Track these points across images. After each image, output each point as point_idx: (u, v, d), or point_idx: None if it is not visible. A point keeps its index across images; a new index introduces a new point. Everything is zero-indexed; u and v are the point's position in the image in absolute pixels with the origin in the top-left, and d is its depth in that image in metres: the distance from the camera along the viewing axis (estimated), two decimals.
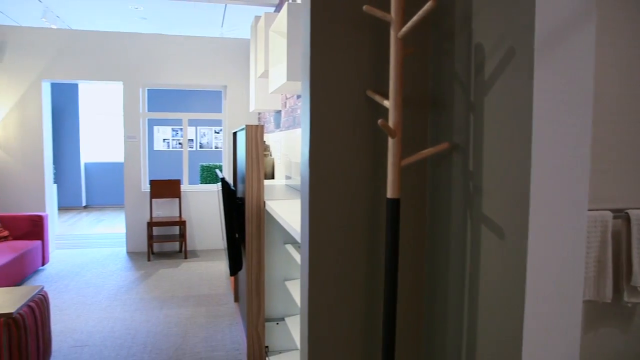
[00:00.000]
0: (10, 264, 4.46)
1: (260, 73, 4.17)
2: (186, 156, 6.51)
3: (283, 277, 3.08)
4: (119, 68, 6.20)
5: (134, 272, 5.32)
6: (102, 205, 10.67)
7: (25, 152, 6.07)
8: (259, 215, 2.80)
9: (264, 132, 2.71)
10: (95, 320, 3.89)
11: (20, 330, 2.61)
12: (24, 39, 6.00)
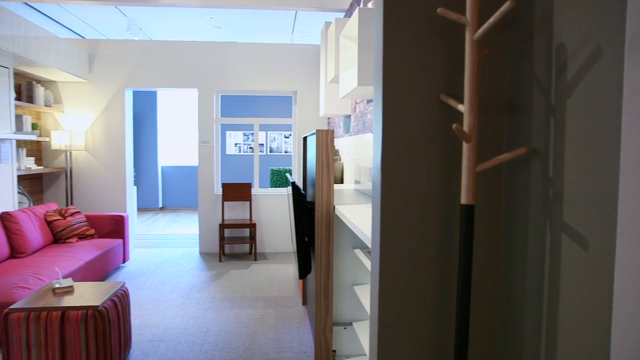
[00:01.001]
0: (96, 260, 4.77)
1: (330, 78, 4.21)
2: (257, 160, 6.68)
3: (351, 281, 3.07)
4: (194, 75, 6.48)
5: (206, 272, 5.51)
6: (177, 207, 11.17)
7: (110, 156, 6.48)
8: (328, 220, 2.82)
9: (334, 137, 2.73)
10: (170, 317, 4.07)
11: (104, 322, 2.79)
12: (110, 50, 6.42)
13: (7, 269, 4.02)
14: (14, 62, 5.06)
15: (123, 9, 6.93)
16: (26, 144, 5.93)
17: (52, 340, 2.73)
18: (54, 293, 3.02)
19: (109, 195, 6.51)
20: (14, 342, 2.73)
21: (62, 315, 2.74)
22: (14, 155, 5.16)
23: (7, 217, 4.56)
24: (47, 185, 6.47)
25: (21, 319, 2.72)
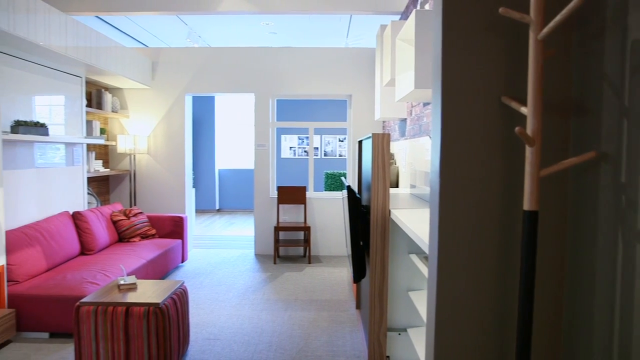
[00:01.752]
0: (157, 259, 4.96)
1: (386, 81, 4.18)
2: (312, 164, 6.74)
3: (407, 287, 3.03)
4: (251, 80, 6.62)
5: (261, 274, 5.61)
6: (233, 209, 11.43)
7: (170, 159, 6.73)
8: (384, 224, 2.80)
9: (390, 141, 2.71)
10: (226, 317, 4.16)
11: (165, 319, 2.89)
12: (171, 58, 6.68)
13: (78, 265, 4.26)
14: (85, 71, 5.36)
15: (184, 18, 7.19)
16: (95, 148, 6.26)
17: (118, 334, 2.86)
18: (119, 289, 3.17)
19: (169, 197, 6.75)
20: (84, 333, 2.88)
21: (126, 311, 2.87)
22: (84, 158, 5.47)
23: (78, 217, 4.83)
24: (113, 186, 6.80)
25: (90, 312, 2.87)
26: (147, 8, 5.25)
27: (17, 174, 4.30)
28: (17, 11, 3.78)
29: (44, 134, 4.37)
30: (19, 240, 3.93)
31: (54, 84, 4.88)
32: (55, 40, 4.31)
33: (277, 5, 5.17)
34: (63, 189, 5.04)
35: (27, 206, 4.43)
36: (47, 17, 4.18)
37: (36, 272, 3.98)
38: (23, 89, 4.39)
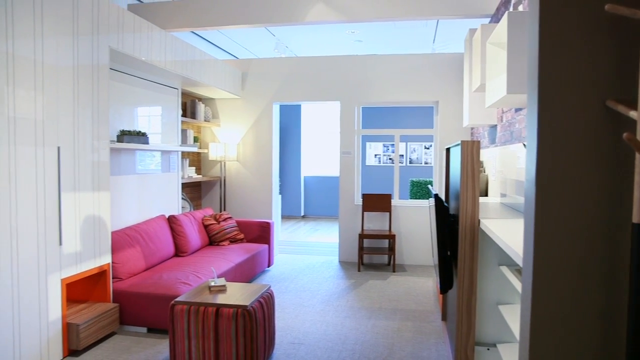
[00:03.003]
0: (244, 263, 5.14)
1: (475, 87, 4.04)
2: (397, 171, 6.66)
3: (496, 300, 2.90)
4: (336, 88, 6.69)
5: (345, 281, 5.62)
6: (318, 216, 11.58)
7: (258, 166, 6.97)
8: (472, 234, 2.69)
9: (479, 148, 2.61)
10: (310, 322, 4.21)
11: (252, 321, 2.98)
12: (260, 68, 6.93)
13: (172, 265, 4.52)
14: (181, 83, 5.71)
15: (272, 30, 7.44)
16: (189, 155, 6.63)
17: (208, 333, 3.00)
18: (210, 290, 3.32)
19: (256, 203, 6.98)
20: (178, 330, 3.05)
21: (216, 311, 3.00)
22: (179, 165, 5.81)
23: (173, 220, 5.13)
24: (204, 192, 7.16)
25: (184, 311, 3.03)
26: (238, 21, 5.49)
27: (121, 179, 4.66)
28: (125, 30, 4.11)
29: (144, 142, 4.69)
30: (122, 240, 4.24)
31: (153, 96, 5.24)
32: (156, 56, 4.63)
33: (363, 13, 5.19)
34: (160, 193, 5.38)
35: (129, 209, 4.78)
36: (150, 34, 4.51)
37: (136, 270, 4.27)
38: (127, 101, 4.76)
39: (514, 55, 2.72)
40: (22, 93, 3.04)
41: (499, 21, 3.45)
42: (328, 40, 8.19)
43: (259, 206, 6.96)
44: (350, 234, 6.65)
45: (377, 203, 6.40)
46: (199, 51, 5.57)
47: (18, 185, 3.01)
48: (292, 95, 6.85)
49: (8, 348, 2.95)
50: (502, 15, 4.39)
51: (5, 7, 2.89)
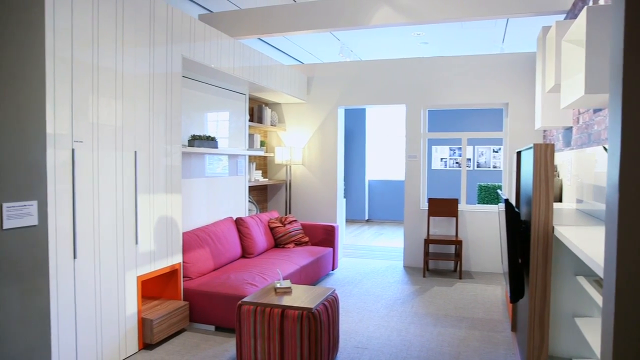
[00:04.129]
0: (309, 266, 5.19)
1: (549, 87, 3.86)
2: (464, 175, 6.49)
3: (572, 312, 2.74)
4: (402, 91, 6.62)
5: (410, 286, 5.53)
6: (382, 220, 11.48)
7: (323, 169, 7.02)
8: (546, 241, 2.57)
9: (554, 151, 2.49)
10: (374, 327, 4.18)
11: (317, 324, 3.00)
12: (325, 73, 6.98)
13: (239, 266, 4.64)
14: (249, 89, 5.87)
15: (337, 34, 7.47)
16: (255, 159, 6.79)
17: (274, 334, 3.05)
18: (276, 292, 3.38)
19: (321, 206, 7.03)
20: (244, 330, 3.12)
21: (282, 313, 3.04)
22: (246, 168, 5.96)
23: (240, 222, 5.27)
24: (270, 195, 7.30)
25: (250, 311, 3.10)
26: (304, 27, 5.57)
27: (192, 182, 4.85)
28: (197, 39, 4.29)
29: (214, 146, 4.86)
30: (192, 241, 4.41)
31: (222, 102, 5.42)
32: (225, 63, 4.78)
33: (430, 15, 5.10)
34: (227, 196, 5.55)
35: (198, 211, 4.96)
36: (219, 42, 4.67)
37: (205, 270, 4.43)
38: (197, 106, 4.96)
39: (593, 53, 2.57)
40: (104, 101, 3.24)
41: (576, 17, 3.28)
42: (393, 43, 8.12)
43: (324, 209, 7.01)
44: (416, 239, 6.54)
45: (443, 208, 6.25)
46: (265, 57, 5.70)
47: (100, 188, 3.21)
48: (357, 99, 6.85)
49: (91, 338, 3.14)
50: (580, 10, 4.17)
51: (92, 22, 3.10)
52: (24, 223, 2.36)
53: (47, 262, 2.51)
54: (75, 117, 3.00)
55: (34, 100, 2.42)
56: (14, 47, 2.31)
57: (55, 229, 2.87)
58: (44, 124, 2.47)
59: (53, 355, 2.79)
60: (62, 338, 2.93)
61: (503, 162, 6.41)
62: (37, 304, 2.45)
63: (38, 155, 2.44)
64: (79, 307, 3.05)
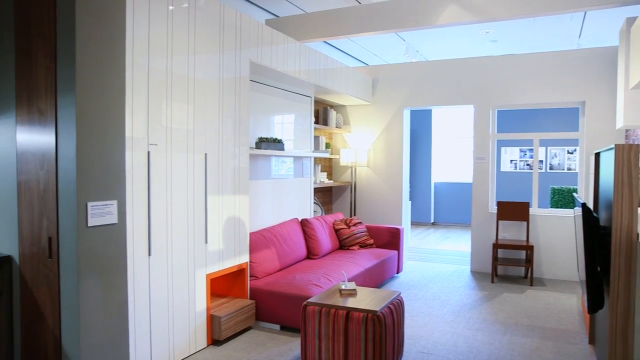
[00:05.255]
0: (374, 268, 5.16)
1: (633, 83, 3.61)
2: (536, 178, 6.20)
3: None
4: (470, 92, 6.44)
5: (477, 292, 5.36)
6: (448, 223, 11.22)
7: (388, 172, 6.96)
8: (629, 249, 2.40)
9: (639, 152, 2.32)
10: (439, 332, 4.08)
11: (382, 327, 2.98)
12: (390, 74, 6.92)
13: (304, 267, 4.69)
14: (314, 91, 5.93)
15: (402, 35, 7.39)
16: (321, 161, 6.84)
17: (338, 335, 3.05)
18: (341, 294, 3.38)
19: (386, 208, 6.97)
20: (309, 330, 3.16)
21: (347, 315, 3.04)
22: (312, 170, 6.03)
23: (306, 223, 5.33)
24: (335, 197, 7.33)
25: (315, 312, 3.13)
26: (369, 29, 5.55)
27: (258, 184, 4.97)
28: (264, 44, 4.39)
29: (280, 148, 4.95)
30: (259, 241, 4.51)
31: (287, 104, 5.51)
32: (291, 66, 4.86)
33: (501, 12, 4.92)
34: (293, 198, 5.63)
35: (264, 212, 5.07)
36: (285, 46, 4.75)
37: (271, 270, 4.51)
38: (264, 109, 5.07)
39: None
40: (177, 106, 3.39)
41: None
42: (460, 42, 7.92)
43: (389, 212, 6.94)
44: (484, 243, 6.33)
45: (513, 211, 6.01)
46: (331, 60, 5.73)
47: (173, 188, 3.36)
48: (423, 100, 6.74)
49: (164, 332, 3.30)
50: None
51: (166, 30, 3.25)
52: (106, 221, 2.51)
53: (126, 258, 2.66)
54: (150, 122, 3.16)
55: (115, 107, 2.57)
56: (98, 56, 2.47)
57: (132, 227, 3.03)
58: (123, 128, 2.62)
59: (130, 346, 2.95)
60: (138, 330, 3.09)
61: (579, 164, 6.07)
62: (116, 297, 2.60)
63: (118, 157, 2.59)
64: (152, 302, 3.20)
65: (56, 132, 2.42)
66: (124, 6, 2.60)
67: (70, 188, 2.38)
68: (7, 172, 2.67)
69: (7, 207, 2.68)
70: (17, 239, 2.64)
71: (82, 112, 2.37)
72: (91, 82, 2.42)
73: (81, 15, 2.36)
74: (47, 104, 2.44)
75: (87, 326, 2.43)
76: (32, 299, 2.57)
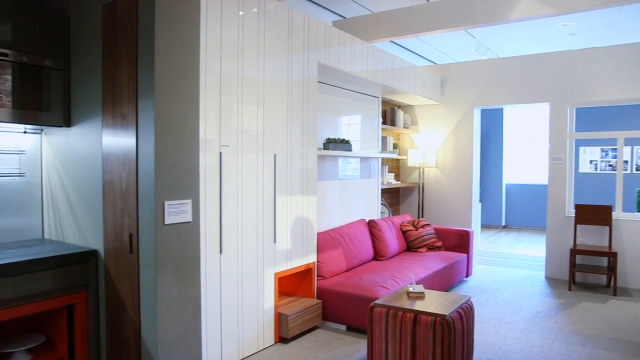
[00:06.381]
0: (442, 271, 5.05)
1: None
2: (620, 179, 5.81)
3: None
4: (545, 89, 6.14)
5: (553, 300, 5.10)
6: (521, 227, 10.76)
7: (457, 173, 6.78)
8: None
9: None
10: (512, 340, 3.92)
11: (450, 332, 2.90)
12: (459, 73, 6.74)
13: (371, 268, 4.67)
14: (382, 91, 5.89)
15: (472, 32, 7.17)
16: (388, 162, 6.78)
17: (405, 338, 3.01)
18: (408, 296, 3.34)
19: (455, 210, 6.80)
20: (376, 332, 3.14)
21: (414, 318, 3.00)
22: (379, 171, 5.99)
23: (373, 225, 5.31)
24: (402, 198, 7.24)
25: (382, 314, 3.11)
26: (437, 27, 5.43)
27: (326, 184, 5.00)
28: (331, 45, 4.42)
29: (348, 149, 4.96)
30: (326, 242, 4.54)
31: (355, 105, 5.50)
32: (358, 67, 4.86)
33: (582, 2, 4.63)
34: (360, 198, 5.62)
35: (331, 212, 5.10)
36: (352, 47, 4.75)
37: (338, 270, 4.53)
38: (331, 110, 5.10)
39: None
40: (247, 108, 3.49)
41: None
42: (535, 36, 7.56)
43: (458, 214, 6.77)
44: (560, 248, 6.01)
45: (593, 215, 5.67)
46: (398, 59, 5.67)
47: (243, 188, 3.46)
48: (494, 99, 6.51)
49: (234, 327, 3.40)
50: None
51: (237, 35, 3.35)
52: (181, 219, 2.63)
53: (199, 256, 2.78)
54: (222, 124, 3.27)
55: (190, 110, 2.69)
56: (175, 63, 2.59)
57: (205, 226, 3.15)
58: (197, 131, 2.74)
59: (202, 339, 3.07)
60: (210, 324, 3.21)
61: None
62: (190, 292, 2.72)
63: (193, 158, 2.71)
64: (223, 298, 3.31)
65: (137, 134, 2.56)
66: (199, 16, 2.72)
67: (149, 188, 2.51)
68: (95, 173, 2.86)
69: (95, 205, 2.88)
70: (102, 234, 2.82)
71: (160, 116, 2.50)
72: (168, 87, 2.55)
73: (160, 26, 2.49)
74: (129, 108, 2.59)
75: (163, 319, 2.55)
76: (115, 291, 2.74)
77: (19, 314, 2.52)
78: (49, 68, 2.89)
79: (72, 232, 3.04)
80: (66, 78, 2.99)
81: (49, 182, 3.20)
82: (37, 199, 3.20)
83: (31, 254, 2.66)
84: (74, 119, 3.00)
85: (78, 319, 2.80)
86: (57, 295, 2.68)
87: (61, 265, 2.68)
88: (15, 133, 3.08)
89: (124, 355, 2.71)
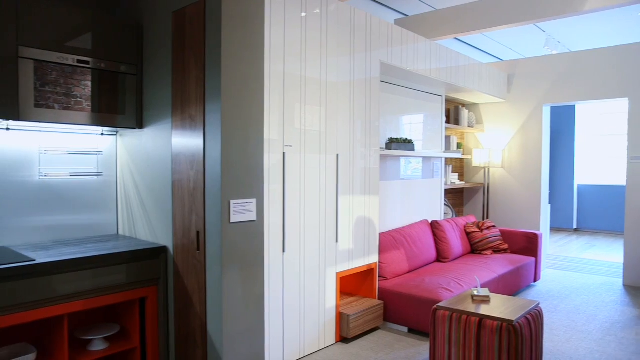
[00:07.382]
0: (508, 275, 4.86)
1: None
2: None
3: None
4: (623, 83, 5.77)
5: (632, 309, 4.78)
6: (594, 230, 10.17)
7: (525, 173, 6.51)
8: None
9: None
10: (585, 350, 3.72)
11: (518, 338, 2.79)
12: (528, 69, 6.47)
13: (434, 270, 4.58)
14: (445, 90, 5.76)
15: (541, 25, 6.86)
16: (452, 162, 6.63)
17: (470, 343, 2.93)
18: (473, 300, 3.24)
19: (522, 212, 6.53)
20: (439, 335, 3.07)
21: (479, 322, 2.91)
22: (442, 171, 5.87)
23: (436, 225, 5.21)
24: (467, 199, 7.05)
25: (445, 316, 3.04)
26: (504, 22, 5.25)
27: (388, 184, 4.96)
28: (393, 44, 4.37)
29: (411, 149, 4.89)
30: (388, 242, 4.50)
31: (417, 104, 5.42)
32: (421, 65, 4.78)
33: None
34: (423, 199, 5.52)
35: (393, 213, 5.05)
36: (415, 45, 4.68)
37: (400, 272, 4.48)
38: (393, 109, 5.05)
39: None
40: (310, 109, 3.52)
41: None
42: (609, 28, 7.12)
43: (525, 216, 6.50)
44: None
45: None
46: (462, 57, 5.53)
47: (306, 188, 3.49)
48: (565, 96, 6.19)
49: (295, 326, 3.44)
50: None
51: (300, 36, 3.39)
52: (246, 218, 2.70)
53: (263, 254, 2.83)
54: (285, 124, 3.32)
55: (255, 111, 2.75)
56: (241, 66, 2.67)
57: (269, 225, 3.21)
58: (262, 132, 2.80)
59: (265, 337, 3.13)
60: (272, 322, 3.27)
61: None
62: (254, 290, 2.78)
63: (257, 158, 2.77)
64: (286, 297, 3.36)
65: (204, 135, 2.66)
66: (263, 20, 2.78)
67: (215, 187, 2.59)
68: (165, 173, 2.99)
69: (165, 203, 3.01)
70: (172, 231, 2.94)
71: (226, 117, 2.58)
72: (234, 90, 2.62)
73: (226, 31, 2.56)
74: (197, 110, 2.69)
75: (228, 314, 2.63)
76: (184, 286, 2.85)
77: (97, 304, 2.69)
78: (123, 73, 3.05)
79: (143, 229, 3.20)
80: (139, 82, 3.15)
81: (123, 181, 3.38)
82: (113, 197, 3.39)
83: (107, 248, 2.83)
84: (146, 121, 3.15)
85: (149, 311, 2.94)
86: (130, 288, 2.82)
87: (134, 260, 2.83)
88: (93, 135, 3.28)
89: (191, 348, 2.82)
